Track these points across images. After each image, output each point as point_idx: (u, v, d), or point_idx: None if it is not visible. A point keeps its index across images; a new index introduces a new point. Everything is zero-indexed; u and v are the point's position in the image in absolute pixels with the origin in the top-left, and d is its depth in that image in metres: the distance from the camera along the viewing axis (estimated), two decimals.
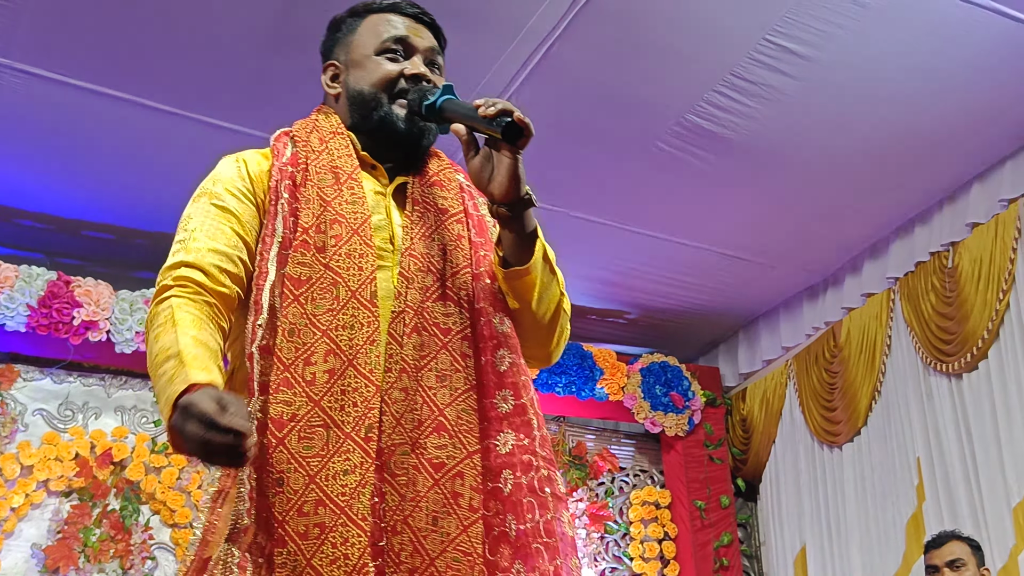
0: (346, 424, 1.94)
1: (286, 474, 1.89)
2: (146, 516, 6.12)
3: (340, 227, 2.10)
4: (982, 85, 5.32)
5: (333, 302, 2.03)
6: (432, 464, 1.97)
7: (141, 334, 6.14)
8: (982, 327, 5.97)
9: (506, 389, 2.08)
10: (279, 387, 1.95)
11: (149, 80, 5.17)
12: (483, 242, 2.24)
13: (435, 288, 2.12)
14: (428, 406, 2.01)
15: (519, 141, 2.04)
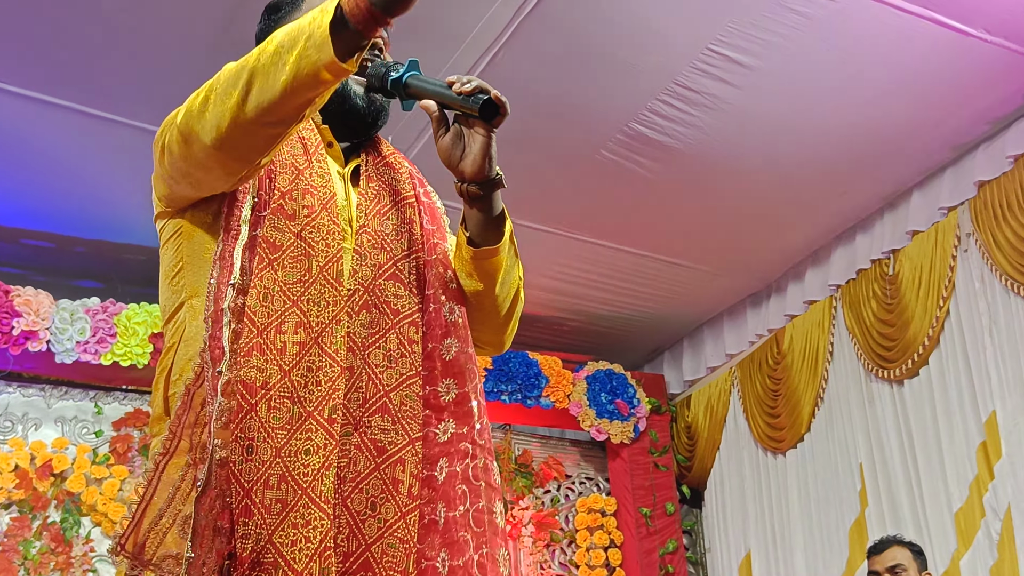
0: (309, 402, 1.88)
1: (256, 443, 1.82)
2: (87, 528, 6.05)
3: (312, 199, 2.05)
4: (921, 94, 5.38)
5: (304, 274, 1.97)
6: (375, 446, 1.94)
7: (81, 344, 6.09)
8: (923, 334, 6.03)
9: (451, 378, 2.04)
10: (251, 351, 1.88)
11: (89, 87, 5.12)
12: (435, 230, 2.21)
13: (388, 267, 2.09)
14: (374, 384, 1.98)
15: (495, 119, 2.01)
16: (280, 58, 1.82)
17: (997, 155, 5.70)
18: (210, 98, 1.91)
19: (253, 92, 1.84)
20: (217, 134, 1.89)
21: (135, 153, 5.48)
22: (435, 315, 2.09)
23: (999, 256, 5.60)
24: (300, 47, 1.79)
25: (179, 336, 2.07)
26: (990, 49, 5.07)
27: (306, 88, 1.82)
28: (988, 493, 5.58)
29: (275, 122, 1.87)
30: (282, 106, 1.84)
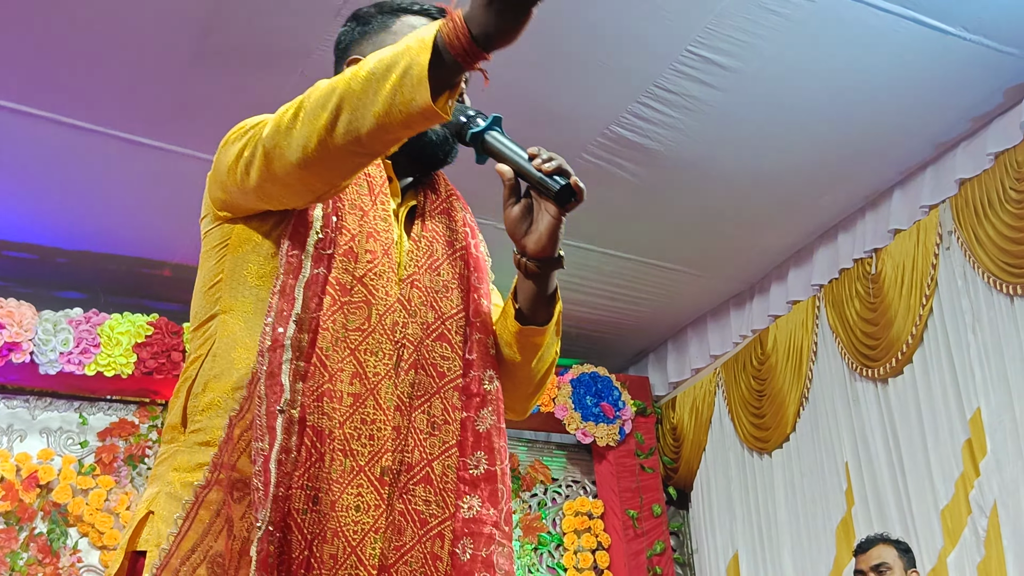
0: (361, 456, 1.84)
1: (320, 493, 1.79)
2: (74, 539, 6.04)
3: (374, 243, 1.99)
4: (901, 92, 5.39)
5: (364, 322, 1.92)
6: (418, 517, 1.89)
7: (65, 354, 6.07)
8: (906, 332, 6.04)
9: (481, 451, 1.97)
10: (322, 396, 1.83)
11: (69, 97, 5.11)
12: (482, 289, 2.12)
13: (436, 326, 2.01)
14: (419, 451, 1.92)
15: (569, 205, 1.95)
16: (372, 86, 1.74)
17: (978, 153, 5.71)
18: (299, 116, 1.83)
19: (343, 118, 1.76)
20: (303, 154, 1.81)
21: (116, 163, 5.49)
22: (474, 382, 2.01)
23: (981, 254, 5.61)
24: (395, 80, 1.72)
25: (207, 349, 2.01)
26: (969, 47, 5.09)
27: (398, 126, 1.75)
28: (974, 490, 5.59)
29: (363, 152, 1.81)
30: (371, 139, 1.77)
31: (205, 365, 1.99)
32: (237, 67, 4.97)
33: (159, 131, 5.36)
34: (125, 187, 5.75)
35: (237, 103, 5.18)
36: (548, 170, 1.93)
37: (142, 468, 6.28)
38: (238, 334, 1.97)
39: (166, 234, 6.18)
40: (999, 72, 5.31)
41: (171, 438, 2.00)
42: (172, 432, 2.00)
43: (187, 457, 1.93)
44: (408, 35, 1.77)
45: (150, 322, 6.35)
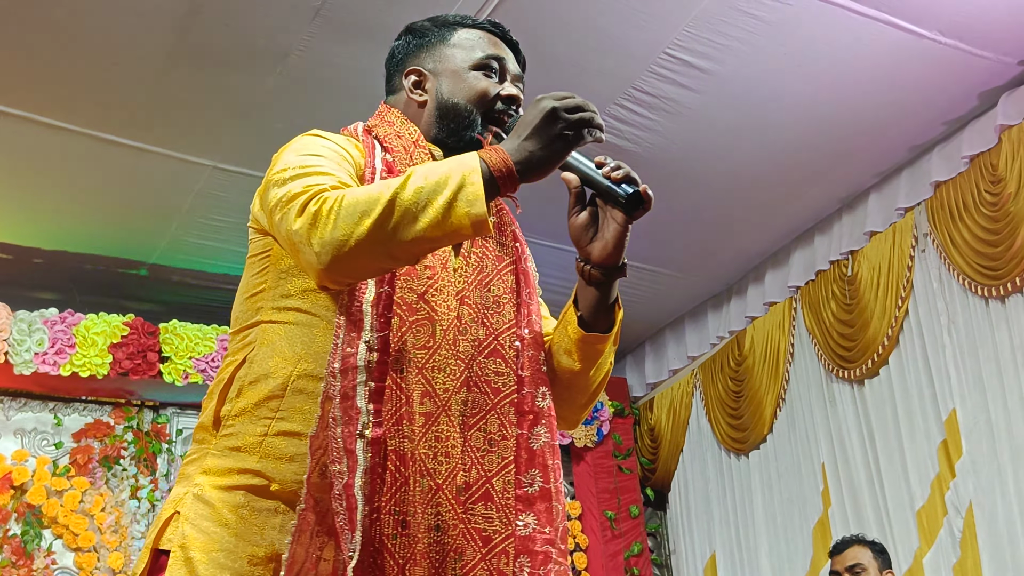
0: (438, 474, 1.83)
1: (408, 517, 1.79)
2: (48, 540, 6.00)
3: (433, 258, 1.97)
4: (877, 95, 5.41)
5: (429, 340, 1.91)
6: (480, 536, 1.87)
7: (40, 355, 6.03)
8: (882, 334, 6.07)
9: (536, 469, 1.94)
10: (401, 419, 1.83)
11: (45, 96, 5.08)
12: (533, 303, 2.11)
13: (488, 342, 1.99)
14: (477, 469, 1.90)
15: (636, 213, 1.97)
16: (423, 199, 1.75)
17: (953, 156, 5.74)
18: (333, 215, 1.79)
19: (389, 226, 1.76)
20: (335, 254, 1.78)
21: (92, 163, 5.46)
22: (527, 399, 1.98)
23: (956, 256, 5.64)
24: (449, 196, 1.75)
25: (243, 355, 2.02)
26: (944, 51, 5.11)
27: (442, 238, 1.77)
28: (950, 491, 5.62)
29: (397, 259, 1.81)
30: (413, 247, 1.78)
31: (241, 371, 2.00)
32: (214, 67, 4.96)
33: (135, 131, 5.34)
34: (101, 187, 5.72)
35: (214, 103, 5.19)
36: (617, 177, 1.96)
37: (117, 469, 6.25)
38: (278, 344, 1.97)
39: (142, 234, 6.16)
40: (974, 76, 5.34)
41: (202, 439, 2.01)
42: (203, 433, 2.02)
43: (217, 461, 1.94)
44: (449, 159, 1.82)
45: (126, 322, 6.32)
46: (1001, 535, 5.32)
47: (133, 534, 6.14)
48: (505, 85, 2.19)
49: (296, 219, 1.83)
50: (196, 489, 1.92)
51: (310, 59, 4.91)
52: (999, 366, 5.46)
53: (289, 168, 1.95)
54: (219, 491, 1.90)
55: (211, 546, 1.86)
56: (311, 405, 1.90)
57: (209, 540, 1.86)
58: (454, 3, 4.64)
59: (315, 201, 1.83)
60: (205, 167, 5.59)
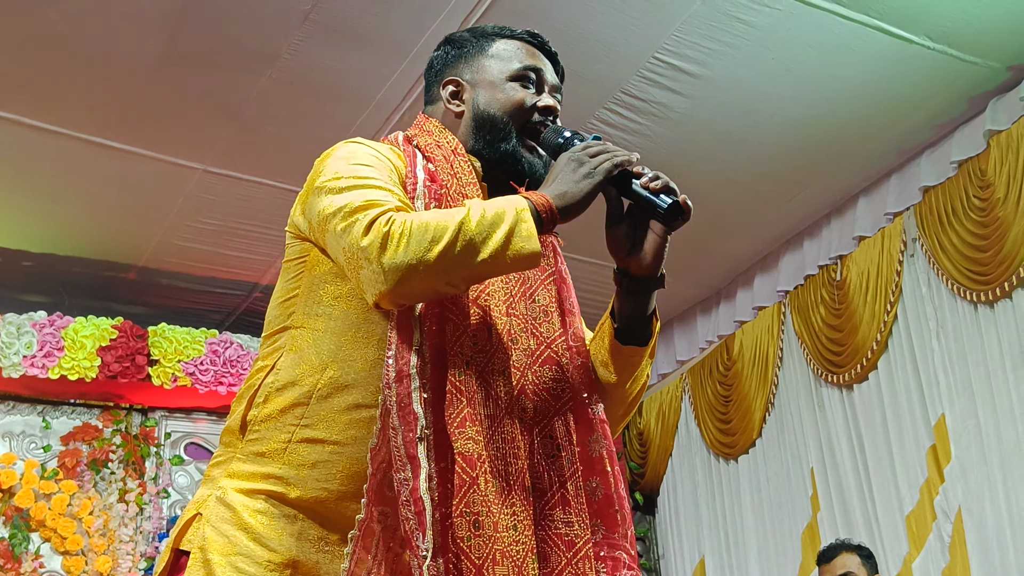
0: (509, 476, 1.84)
1: (481, 517, 1.78)
2: (36, 544, 5.99)
3: None
4: (866, 100, 5.42)
5: (485, 343, 1.92)
6: (563, 541, 1.87)
7: (28, 358, 6.02)
8: (871, 339, 6.08)
9: (596, 477, 1.95)
10: (464, 422, 1.83)
11: (34, 99, 5.08)
12: (576, 312, 2.13)
13: (541, 351, 2.01)
14: (548, 476, 1.92)
15: (676, 223, 1.98)
16: (484, 231, 1.81)
17: (942, 161, 5.75)
18: (405, 238, 1.81)
19: (455, 254, 1.80)
20: (402, 276, 1.81)
21: (82, 165, 5.46)
22: (580, 408, 2.00)
23: (945, 261, 5.65)
24: (507, 231, 1.82)
25: (272, 361, 2.03)
26: (933, 56, 5.12)
27: (502, 268, 1.84)
28: (939, 496, 5.63)
29: (455, 285, 1.85)
30: (471, 275, 1.84)
31: (269, 377, 2.01)
32: (205, 70, 4.95)
33: (125, 134, 5.33)
34: (90, 189, 5.72)
35: (204, 106, 5.18)
36: (655, 188, 1.97)
37: (105, 472, 6.24)
38: (306, 351, 1.99)
39: (131, 237, 6.15)
40: (963, 81, 5.35)
41: (228, 442, 2.03)
42: (230, 436, 2.04)
43: (242, 465, 1.97)
44: (500, 198, 1.89)
45: (115, 325, 6.31)
46: (990, 540, 5.33)
47: (121, 537, 6.13)
48: (542, 96, 2.21)
49: (363, 236, 1.84)
50: (219, 492, 1.95)
51: (300, 63, 4.91)
52: (988, 371, 5.47)
53: (343, 177, 1.96)
54: (242, 495, 1.93)
55: (230, 550, 1.88)
56: (335, 413, 1.93)
57: (228, 544, 1.88)
58: (443, 8, 4.64)
59: (385, 222, 1.84)
60: (195, 170, 5.58)
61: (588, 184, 1.92)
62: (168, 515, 6.39)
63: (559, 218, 1.90)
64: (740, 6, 4.78)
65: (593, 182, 1.92)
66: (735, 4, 4.77)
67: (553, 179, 1.95)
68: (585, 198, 1.92)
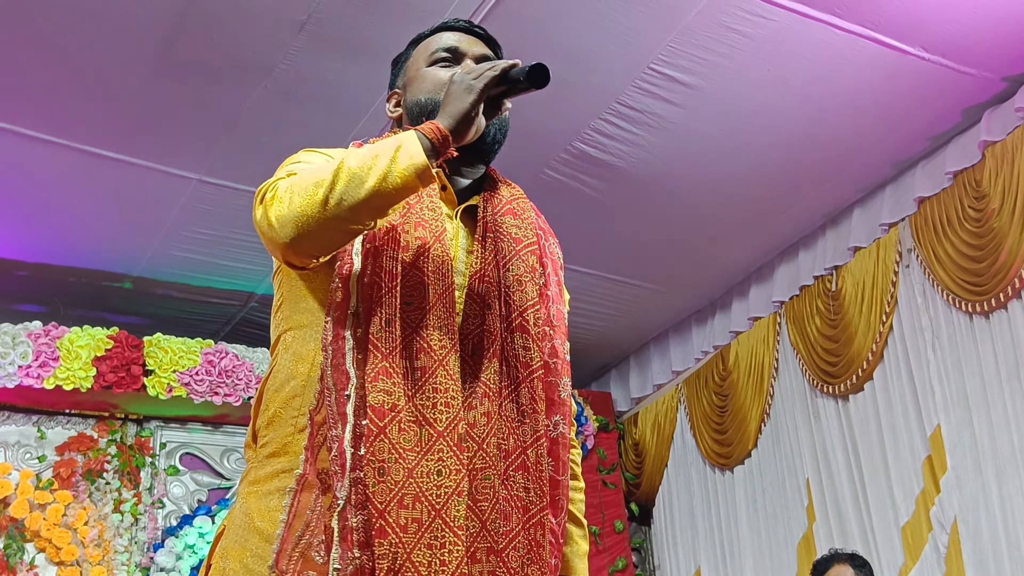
0: (438, 423, 1.90)
1: (387, 464, 1.86)
2: (31, 554, 5.98)
3: (423, 231, 2.06)
4: (861, 111, 5.43)
5: (422, 301, 1.99)
6: (520, 504, 1.94)
7: (23, 367, 6.01)
8: (866, 349, 6.08)
9: (551, 458, 2.03)
10: (378, 375, 1.91)
11: (31, 110, 5.08)
12: (556, 288, 2.21)
13: (513, 319, 2.07)
14: (514, 438, 1.98)
15: (540, 79, 2.06)
16: (367, 163, 1.93)
17: (936, 172, 5.76)
18: (289, 193, 1.98)
19: (340, 191, 1.91)
20: (295, 226, 1.95)
21: (77, 175, 5.46)
22: (549, 388, 2.08)
23: (940, 271, 5.65)
24: (391, 156, 1.93)
25: (272, 367, 2.11)
26: (928, 67, 5.13)
27: (396, 191, 1.93)
28: (935, 507, 5.63)
29: (352, 220, 1.94)
30: (364, 207, 1.92)
31: (268, 383, 2.10)
32: (200, 80, 4.96)
33: (120, 144, 5.33)
34: (86, 199, 5.72)
35: (200, 116, 5.18)
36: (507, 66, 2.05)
37: (100, 483, 6.23)
38: (295, 347, 2.07)
39: (126, 247, 6.15)
40: (957, 92, 5.36)
41: (247, 456, 2.11)
42: (248, 451, 2.12)
43: (257, 471, 2.04)
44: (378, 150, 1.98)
45: (110, 335, 6.30)
46: (986, 551, 5.33)
47: (116, 548, 6.12)
48: (461, 66, 2.27)
49: (257, 209, 2.02)
50: (241, 501, 2.03)
51: (295, 73, 4.92)
52: (983, 381, 5.48)
53: (268, 182, 2.08)
54: (257, 499, 2.00)
55: (243, 553, 1.96)
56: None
57: (242, 548, 1.96)
58: (439, 17, 4.63)
59: (271, 189, 2.03)
60: (190, 180, 5.59)
61: (470, 97, 1.99)
62: (163, 525, 6.38)
63: (450, 136, 1.98)
64: (735, 17, 4.79)
65: (474, 94, 1.99)
66: (730, 15, 4.78)
67: (442, 105, 2.03)
68: (469, 110, 1.99)
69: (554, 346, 2.12)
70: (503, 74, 2.03)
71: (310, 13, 4.58)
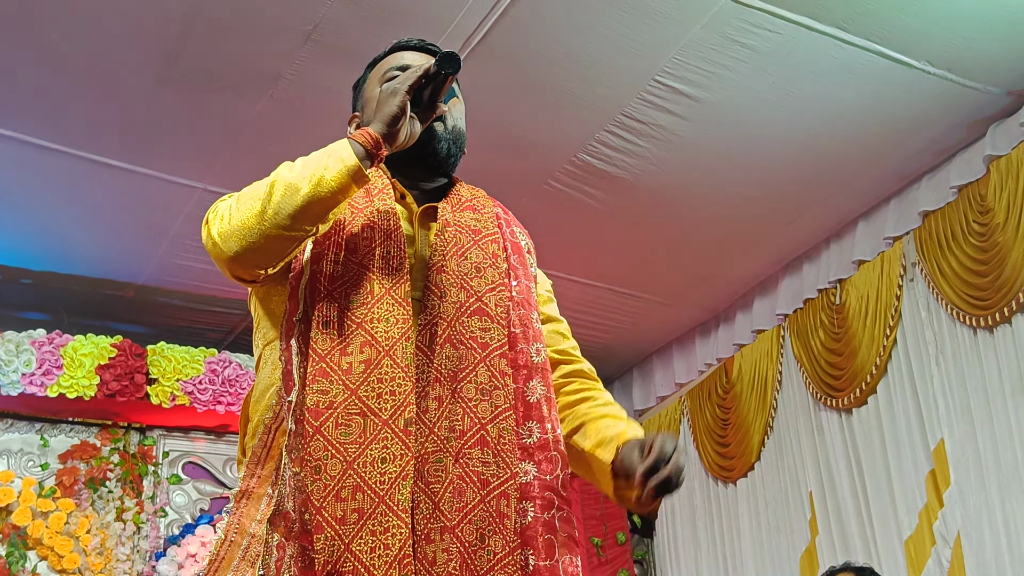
0: (383, 411, 1.95)
1: (323, 461, 1.91)
2: (33, 562, 5.97)
3: (372, 230, 2.13)
4: (866, 125, 5.43)
5: (367, 296, 2.05)
6: (479, 479, 1.97)
7: (27, 375, 6.01)
8: (870, 363, 6.07)
9: (533, 421, 2.08)
10: (315, 377, 1.97)
11: (36, 118, 5.09)
12: (521, 269, 2.27)
13: (471, 303, 2.12)
14: (469, 417, 2.01)
15: (448, 66, 2.10)
16: (300, 172, 2.02)
17: (941, 186, 5.76)
18: (228, 211, 2.06)
19: (277, 200, 2.00)
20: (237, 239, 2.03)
21: (82, 184, 5.46)
22: (521, 355, 2.13)
23: (944, 286, 5.65)
24: (323, 162, 2.02)
25: (254, 383, 2.20)
26: (934, 81, 5.13)
27: (331, 194, 2.01)
28: (938, 521, 5.62)
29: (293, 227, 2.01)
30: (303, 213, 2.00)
31: (251, 396, 2.20)
32: (205, 90, 4.96)
33: (125, 152, 5.34)
34: (90, 208, 5.72)
35: (205, 126, 5.19)
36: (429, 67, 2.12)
37: (103, 491, 6.22)
38: (271, 358, 2.16)
39: (130, 255, 6.16)
40: (963, 106, 5.35)
41: (241, 472, 2.18)
42: (240, 466, 2.20)
43: (247, 483, 2.13)
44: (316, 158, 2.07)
45: (113, 344, 6.30)
46: (989, 565, 5.32)
47: (118, 556, 6.11)
48: None
49: (203, 230, 2.10)
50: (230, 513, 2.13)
51: (301, 83, 4.92)
52: (987, 396, 5.47)
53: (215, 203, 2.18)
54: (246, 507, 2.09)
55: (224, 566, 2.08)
56: None
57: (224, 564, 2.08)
58: (444, 29, 4.65)
59: (213, 211, 2.12)
60: (195, 189, 5.59)
61: (396, 100, 2.07)
62: (165, 534, 6.37)
63: (382, 140, 2.06)
64: (741, 30, 4.80)
65: (399, 96, 2.07)
66: (736, 28, 4.79)
67: (375, 112, 2.12)
68: (396, 112, 2.07)
69: (520, 316, 2.17)
70: (424, 73, 2.09)
71: (316, 23, 4.59)
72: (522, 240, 2.36)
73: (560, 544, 2.02)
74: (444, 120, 2.28)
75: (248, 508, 2.06)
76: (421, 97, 2.13)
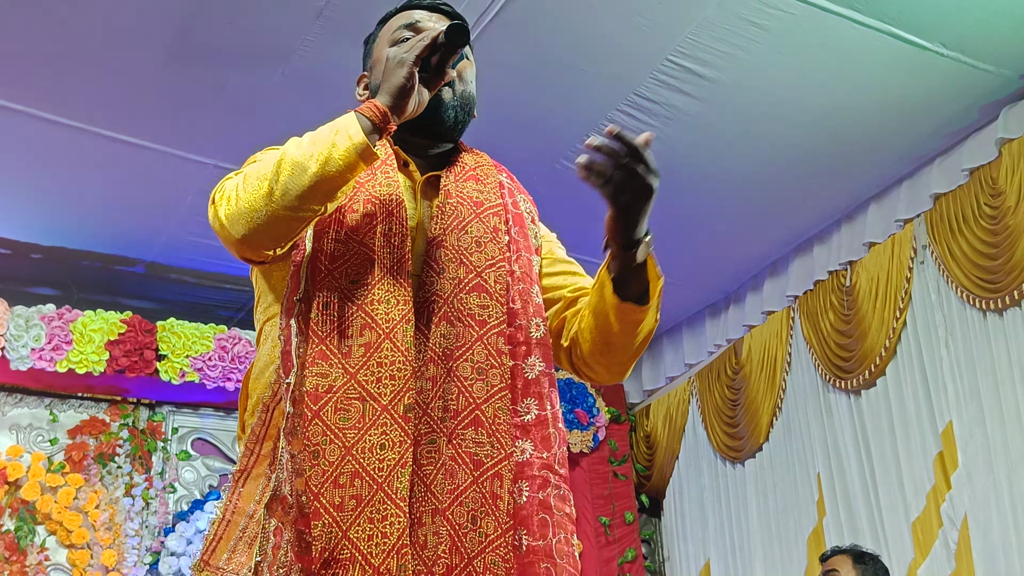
0: (383, 396, 1.92)
1: (321, 446, 1.88)
2: (42, 537, 6.00)
3: (374, 207, 2.09)
4: (878, 107, 5.41)
5: (368, 277, 2.02)
6: (472, 459, 1.95)
7: (37, 350, 6.03)
8: (880, 344, 6.07)
9: (531, 398, 2.05)
10: (315, 360, 1.94)
11: (47, 92, 5.09)
12: (522, 241, 2.23)
13: (470, 279, 2.09)
14: (464, 397, 1.99)
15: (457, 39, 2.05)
16: (308, 151, 1.97)
17: (953, 168, 5.74)
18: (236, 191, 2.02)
19: (286, 181, 1.95)
20: (246, 222, 1.99)
21: (92, 159, 5.46)
22: (520, 331, 2.10)
23: (955, 268, 5.64)
24: (331, 140, 1.97)
25: (255, 359, 2.18)
26: (946, 63, 5.11)
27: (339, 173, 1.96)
28: (945, 503, 5.62)
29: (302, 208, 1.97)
30: (313, 192, 1.96)
31: (251, 372, 2.17)
32: (216, 65, 4.96)
33: (136, 128, 5.34)
34: (100, 183, 5.73)
35: (216, 102, 5.19)
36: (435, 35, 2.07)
37: (112, 466, 6.25)
38: (271, 334, 2.13)
39: (141, 231, 6.16)
40: (975, 89, 5.34)
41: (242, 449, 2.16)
42: (239, 442, 2.18)
43: (248, 459, 2.11)
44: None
45: (123, 319, 6.32)
46: (996, 547, 5.32)
47: (127, 531, 6.14)
48: None
49: (209, 210, 2.08)
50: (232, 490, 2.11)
51: (313, 59, 4.92)
52: (996, 379, 5.46)
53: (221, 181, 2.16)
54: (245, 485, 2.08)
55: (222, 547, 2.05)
56: None
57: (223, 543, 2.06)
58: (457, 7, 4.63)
59: (220, 190, 2.08)
60: (206, 165, 5.59)
61: (403, 71, 2.01)
62: (174, 510, 6.40)
63: (389, 112, 2.01)
64: (754, 10, 4.78)
65: (406, 67, 2.01)
66: (749, 8, 4.77)
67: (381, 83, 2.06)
68: (404, 83, 2.01)
69: (520, 292, 2.14)
70: (432, 42, 2.04)
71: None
72: (524, 208, 2.33)
73: (555, 523, 2.01)
74: (453, 86, 2.23)
75: (247, 488, 2.04)
76: (429, 62, 2.07)
